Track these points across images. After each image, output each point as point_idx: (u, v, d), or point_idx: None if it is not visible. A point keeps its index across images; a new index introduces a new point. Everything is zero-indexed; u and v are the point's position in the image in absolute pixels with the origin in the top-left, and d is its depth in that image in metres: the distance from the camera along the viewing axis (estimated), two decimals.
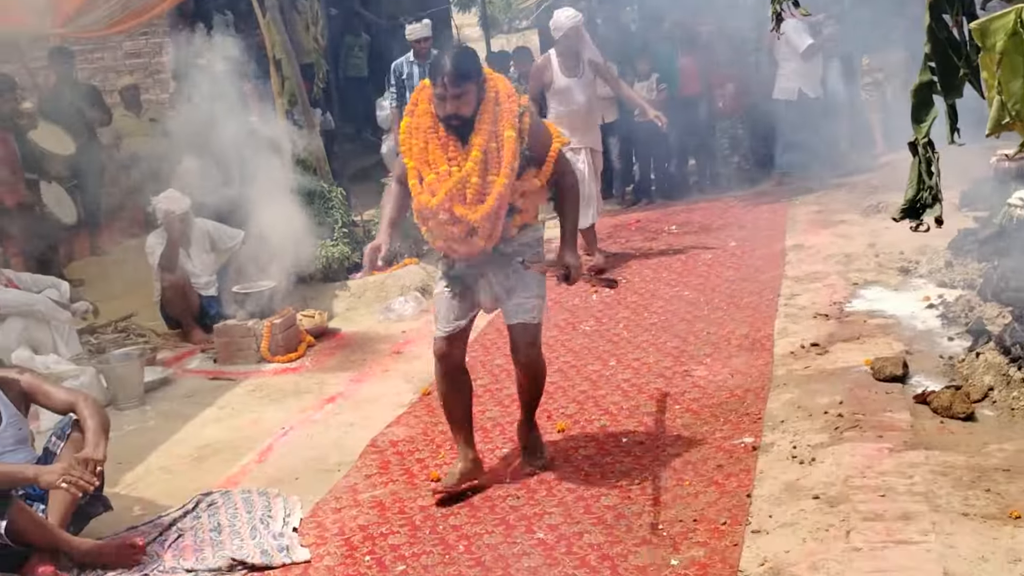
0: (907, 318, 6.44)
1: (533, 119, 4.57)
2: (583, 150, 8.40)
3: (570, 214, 4.78)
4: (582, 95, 8.39)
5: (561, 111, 8.32)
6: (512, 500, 4.64)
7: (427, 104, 4.51)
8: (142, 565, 4.31)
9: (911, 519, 3.83)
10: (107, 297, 8.34)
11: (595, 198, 8.63)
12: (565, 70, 8.38)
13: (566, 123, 7.78)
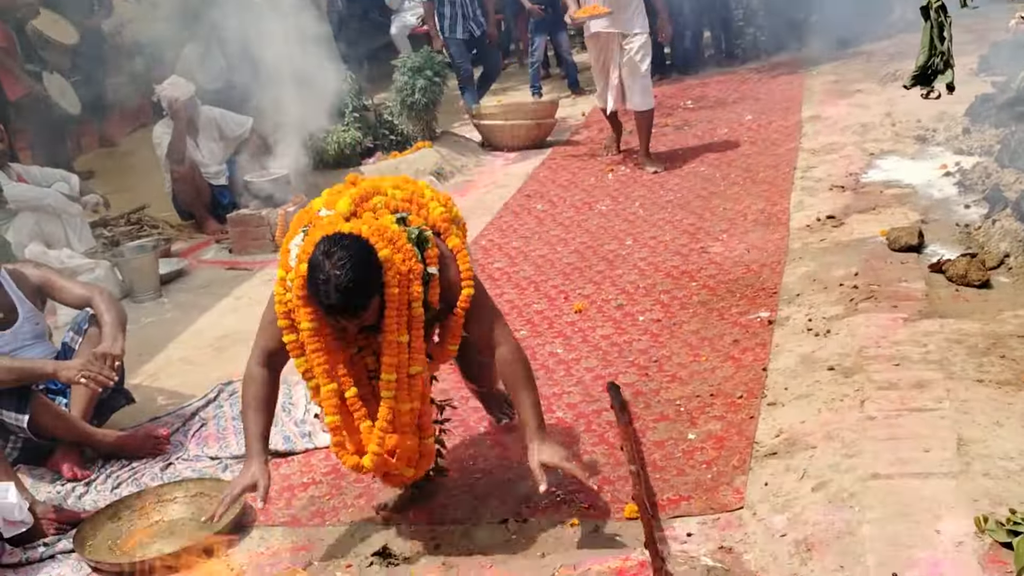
0: (923, 187, 6.38)
1: (443, 278, 3.38)
2: (613, 35, 7.62)
3: (524, 395, 3.44)
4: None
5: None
6: None
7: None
8: (166, 455, 4.39)
9: (925, 387, 3.85)
10: (118, 189, 8.34)
11: (613, 87, 7.81)
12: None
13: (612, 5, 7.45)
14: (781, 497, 3.42)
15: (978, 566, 2.81)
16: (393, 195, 3.48)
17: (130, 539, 3.76)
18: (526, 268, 6.17)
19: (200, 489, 3.97)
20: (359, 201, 3.39)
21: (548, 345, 5.03)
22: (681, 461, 3.82)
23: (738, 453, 3.79)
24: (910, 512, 3.09)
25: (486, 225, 7.15)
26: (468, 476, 3.94)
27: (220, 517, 3.44)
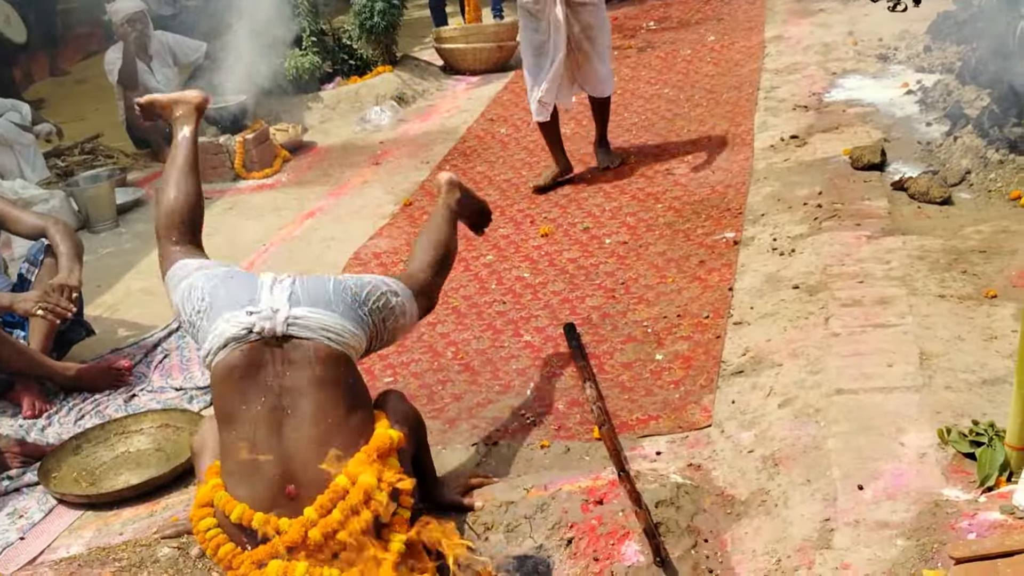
0: (885, 105, 6.38)
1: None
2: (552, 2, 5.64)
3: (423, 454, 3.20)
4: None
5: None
6: (499, 305, 4.67)
7: None
8: (129, 386, 4.35)
9: (888, 303, 3.88)
10: (71, 118, 8.16)
11: (554, 77, 5.77)
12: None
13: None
14: (748, 414, 3.45)
15: (941, 476, 2.86)
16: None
17: (96, 471, 3.73)
18: (491, 193, 6.12)
19: (165, 420, 3.94)
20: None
21: (515, 269, 5.02)
22: (649, 381, 3.84)
23: (705, 372, 3.81)
24: (874, 425, 3.13)
25: (449, 150, 7.08)
26: (437, 401, 3.94)
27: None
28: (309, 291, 2.90)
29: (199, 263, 3.11)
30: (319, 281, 2.95)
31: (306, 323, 2.82)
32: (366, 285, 3.04)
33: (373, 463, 2.76)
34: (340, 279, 3.01)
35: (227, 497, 2.75)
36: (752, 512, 2.98)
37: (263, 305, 2.82)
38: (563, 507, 3.05)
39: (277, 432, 2.76)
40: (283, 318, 2.80)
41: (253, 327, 2.79)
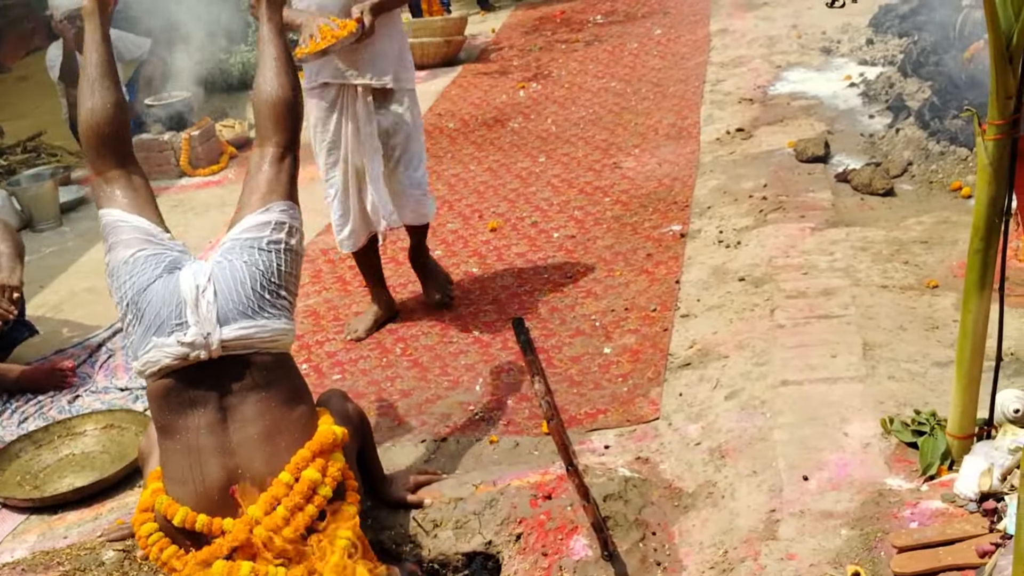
0: (829, 98, 6.45)
1: None
2: (357, 91, 4.06)
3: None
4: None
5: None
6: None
7: None
8: (73, 387, 4.29)
9: (832, 294, 3.93)
10: (12, 116, 8.01)
11: (358, 197, 4.24)
12: None
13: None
14: (695, 407, 3.48)
15: (884, 466, 2.90)
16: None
17: (39, 474, 3.68)
18: (439, 187, 6.11)
19: (110, 421, 3.89)
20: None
21: (463, 264, 5.01)
22: (597, 375, 3.86)
23: (653, 365, 3.84)
24: (819, 416, 3.17)
25: None
26: (386, 398, 3.93)
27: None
28: (233, 301, 2.80)
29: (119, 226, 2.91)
30: (239, 286, 2.82)
31: (239, 341, 2.79)
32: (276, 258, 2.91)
33: (316, 459, 2.76)
34: (254, 272, 2.86)
35: (168, 501, 2.73)
36: (699, 504, 3.01)
37: (192, 332, 2.74)
38: (512, 502, 3.06)
39: (218, 435, 2.74)
40: (216, 341, 2.76)
41: (188, 356, 2.75)
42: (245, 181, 3.10)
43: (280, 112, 3.11)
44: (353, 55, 3.93)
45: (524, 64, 8.82)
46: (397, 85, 4.06)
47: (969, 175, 4.80)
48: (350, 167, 4.12)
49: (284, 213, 2.97)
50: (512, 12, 11.20)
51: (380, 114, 4.08)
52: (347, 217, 4.23)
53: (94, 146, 3.00)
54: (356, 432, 3.01)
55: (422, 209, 4.31)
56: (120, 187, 2.99)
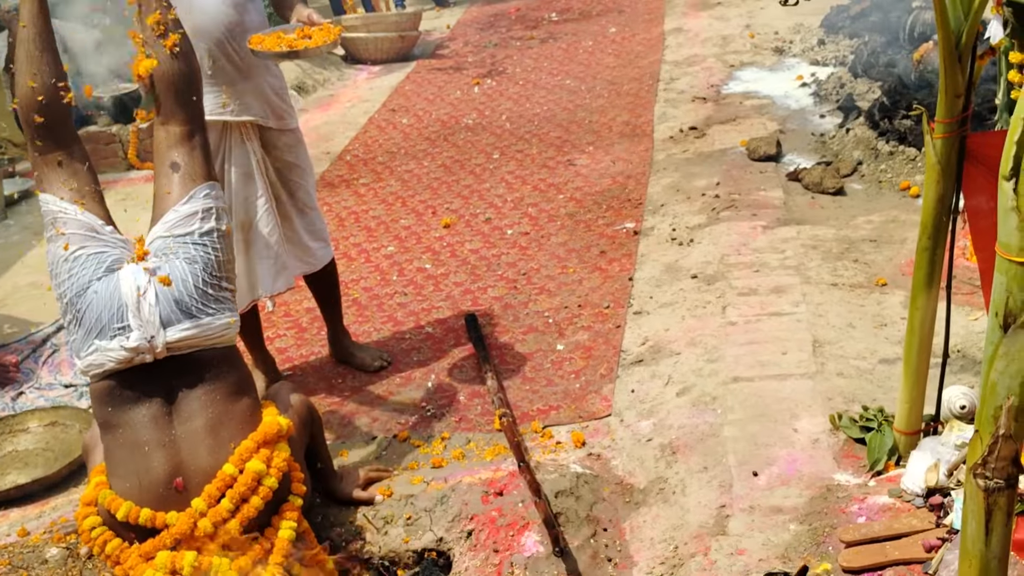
0: (781, 98, 6.51)
1: None
2: (234, 133, 3.56)
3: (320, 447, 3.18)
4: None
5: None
6: (400, 297, 4.63)
7: None
8: (16, 383, 4.21)
9: (783, 292, 3.96)
10: None
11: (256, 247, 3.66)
12: None
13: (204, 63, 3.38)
14: (647, 403, 3.49)
15: (833, 461, 2.93)
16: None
17: None
18: (392, 183, 6.08)
19: (54, 418, 3.82)
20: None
21: (416, 260, 4.98)
22: (550, 372, 3.85)
23: (605, 362, 3.84)
24: (769, 412, 3.19)
25: (350, 140, 7.00)
26: (336, 394, 3.89)
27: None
28: (175, 302, 2.75)
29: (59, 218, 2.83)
30: (181, 285, 2.77)
31: (183, 341, 2.75)
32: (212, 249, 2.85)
33: (261, 449, 2.73)
34: (194, 269, 2.80)
35: (111, 495, 2.69)
36: (650, 500, 3.01)
37: (136, 336, 2.70)
38: (463, 499, 3.05)
39: (161, 429, 2.72)
40: (160, 344, 2.72)
41: (132, 360, 2.72)
42: (156, 164, 2.98)
43: (178, 86, 2.96)
44: (234, 88, 3.47)
45: (479, 60, 8.80)
46: (281, 124, 3.63)
47: (918, 175, 4.86)
48: (235, 220, 3.52)
49: (208, 198, 2.90)
50: (467, 8, 11.17)
51: (268, 157, 3.64)
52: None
53: (34, 125, 2.88)
54: (303, 424, 2.99)
55: (313, 257, 3.79)
56: (62, 170, 2.90)
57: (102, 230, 2.86)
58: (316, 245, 3.79)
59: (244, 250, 3.60)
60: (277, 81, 3.65)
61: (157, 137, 3.00)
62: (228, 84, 3.47)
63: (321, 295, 4.02)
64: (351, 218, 5.60)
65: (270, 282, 3.65)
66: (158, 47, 2.94)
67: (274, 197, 3.65)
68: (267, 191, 3.60)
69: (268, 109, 3.58)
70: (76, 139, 2.98)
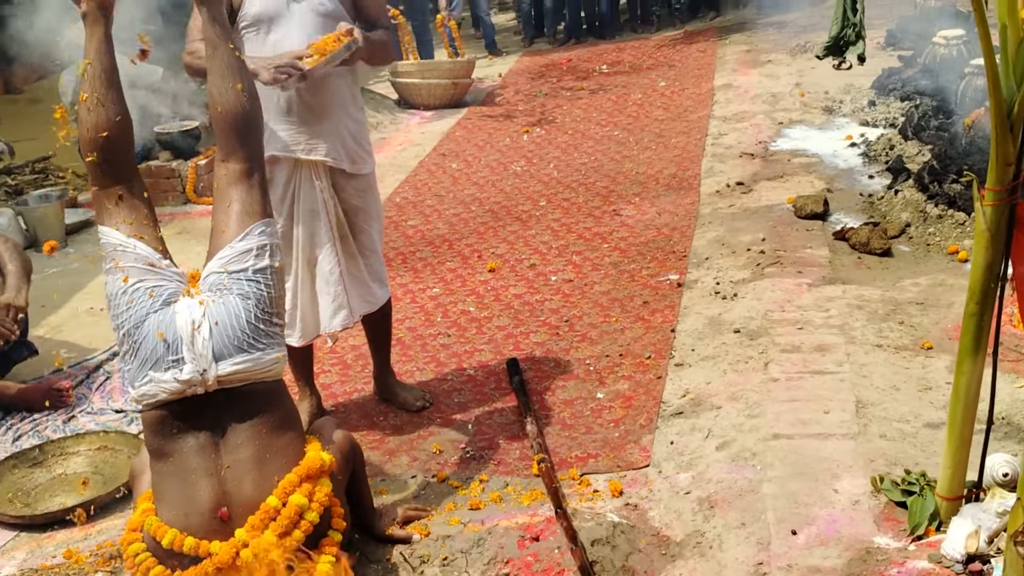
0: (829, 156, 6.53)
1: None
2: (305, 170, 3.66)
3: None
4: (301, 31, 3.54)
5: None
6: (443, 338, 4.69)
7: None
8: (69, 407, 4.30)
9: (827, 350, 3.96)
10: (23, 137, 8.04)
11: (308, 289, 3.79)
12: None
13: (269, 99, 3.50)
14: (686, 456, 3.50)
15: (873, 524, 2.92)
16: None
17: (32, 491, 3.68)
18: (440, 226, 6.16)
19: (104, 443, 3.91)
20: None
21: (460, 303, 5.05)
22: (589, 419, 3.88)
23: (645, 412, 3.86)
24: (809, 471, 3.19)
25: (400, 183, 7.11)
26: (378, 432, 3.94)
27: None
28: (228, 336, 2.82)
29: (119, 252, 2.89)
30: (234, 320, 2.83)
31: (234, 375, 2.82)
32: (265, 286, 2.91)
33: (304, 484, 2.78)
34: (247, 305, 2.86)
35: (157, 523, 2.75)
36: (687, 553, 3.02)
37: (189, 369, 2.77)
38: (499, 543, 3.07)
39: (209, 460, 2.78)
40: (212, 377, 2.79)
41: (184, 392, 2.79)
42: (215, 200, 3.05)
43: (239, 125, 3.02)
44: (307, 128, 3.57)
45: (529, 109, 8.92)
46: (355, 168, 3.69)
47: (966, 239, 4.86)
48: (301, 255, 3.67)
49: (263, 235, 2.96)
50: (519, 58, 11.33)
51: (337, 198, 3.70)
52: (296, 311, 3.73)
53: (96, 161, 2.96)
54: (345, 460, 3.03)
55: (372, 296, 3.85)
56: (122, 204, 2.96)
57: (159, 263, 2.93)
58: (376, 286, 3.86)
59: (309, 286, 3.72)
60: (355, 125, 3.71)
61: (217, 174, 3.07)
62: (303, 123, 3.58)
63: (373, 334, 4.09)
64: (398, 259, 5.68)
65: (328, 320, 3.75)
66: (225, 87, 3.03)
67: (339, 237, 3.71)
68: (331, 231, 3.68)
69: (342, 151, 3.65)
70: (136, 174, 3.05)
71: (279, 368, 2.93)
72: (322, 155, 3.61)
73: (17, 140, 7.67)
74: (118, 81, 3.02)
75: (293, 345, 3.74)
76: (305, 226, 3.66)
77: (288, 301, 3.66)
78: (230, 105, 3.02)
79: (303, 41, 3.47)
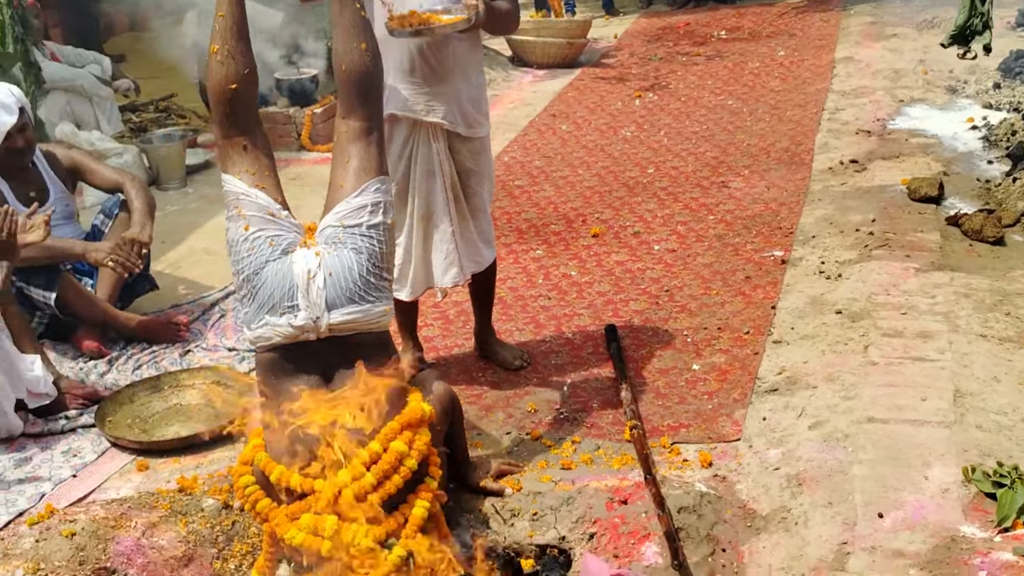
0: (948, 139, 6.39)
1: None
2: (423, 130, 3.75)
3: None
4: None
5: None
6: (544, 300, 4.78)
7: None
8: (185, 341, 4.52)
9: (929, 337, 3.93)
10: (147, 75, 8.33)
11: (424, 246, 3.91)
12: None
13: (394, 59, 3.61)
14: (778, 432, 3.54)
15: (961, 513, 2.93)
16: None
17: (148, 419, 3.90)
18: (547, 188, 6.23)
19: (216, 378, 4.10)
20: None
21: (563, 267, 5.12)
22: (684, 390, 3.93)
23: (740, 387, 3.90)
24: (901, 457, 3.20)
25: (509, 142, 7.18)
26: (476, 387, 4.05)
27: None
28: (341, 286, 2.96)
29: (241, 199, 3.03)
30: (346, 272, 2.98)
31: (345, 324, 2.97)
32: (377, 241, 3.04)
33: (404, 432, 2.92)
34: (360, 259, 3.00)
35: (267, 458, 2.92)
36: (771, 528, 3.07)
37: (303, 316, 2.93)
38: (588, 503, 3.16)
39: (317, 403, 2.92)
40: (324, 325, 2.95)
41: (297, 337, 2.95)
42: (334, 155, 3.18)
43: (362, 84, 3.13)
44: (427, 89, 3.67)
45: (642, 73, 8.88)
46: (470, 132, 3.79)
47: None
48: (416, 212, 3.82)
49: (378, 192, 3.08)
50: (636, 19, 11.26)
51: (452, 159, 3.81)
52: (408, 266, 3.87)
53: (223, 111, 3.10)
54: (445, 412, 3.15)
55: (481, 257, 3.97)
56: (245, 154, 3.10)
57: (279, 214, 3.08)
58: (484, 246, 3.98)
59: (423, 241, 3.85)
60: (474, 90, 3.80)
61: (337, 130, 3.20)
62: (425, 85, 3.67)
63: (478, 292, 4.20)
64: (504, 218, 5.77)
65: (440, 275, 3.89)
66: (350, 46, 3.14)
67: (453, 198, 3.82)
68: (446, 191, 3.80)
69: (459, 115, 3.74)
70: (260, 126, 3.20)
71: (386, 320, 3.06)
72: (439, 117, 3.71)
73: (141, 77, 7.94)
74: (247, 34, 3.15)
75: (401, 299, 3.89)
76: (421, 185, 3.78)
77: (400, 256, 3.79)
78: (354, 64, 3.12)
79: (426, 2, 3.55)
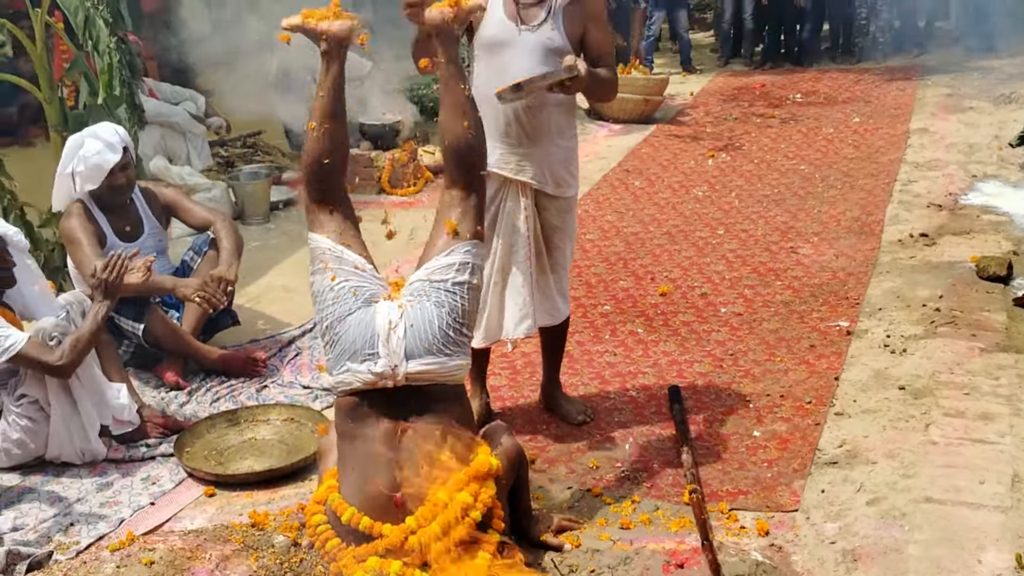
0: (1020, 217, 6.40)
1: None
2: (512, 187, 3.90)
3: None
4: (528, 59, 3.74)
5: (487, 84, 3.71)
6: (609, 356, 4.88)
7: None
8: (262, 377, 4.70)
9: (991, 420, 3.97)
10: (235, 110, 8.62)
11: (502, 295, 4.00)
12: (509, 7, 3.81)
13: (491, 119, 3.69)
14: (836, 506, 3.59)
15: None
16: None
17: (224, 451, 4.06)
18: (617, 243, 6.34)
19: (291, 415, 4.26)
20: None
21: (629, 323, 5.22)
22: (743, 456, 3.99)
23: (800, 457, 3.95)
24: (956, 539, 3.25)
25: (583, 196, 7.30)
26: (540, 440, 4.16)
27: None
28: (420, 337, 3.14)
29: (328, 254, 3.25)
30: (428, 324, 3.15)
31: (421, 374, 3.14)
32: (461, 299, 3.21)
33: (471, 484, 3.05)
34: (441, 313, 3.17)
35: (339, 499, 3.07)
36: None
37: (382, 363, 3.11)
38: (645, 564, 3.25)
39: (390, 450, 3.08)
40: (402, 373, 3.12)
41: (376, 383, 3.13)
42: (436, 219, 3.40)
43: (465, 158, 3.37)
44: (520, 150, 3.84)
45: (717, 132, 8.99)
46: (558, 192, 3.94)
47: None
48: (497, 262, 3.92)
49: (468, 253, 3.29)
50: (712, 78, 11.39)
51: (538, 216, 3.95)
52: (483, 313, 3.91)
53: (315, 180, 3.37)
54: (512, 467, 3.28)
55: (557, 311, 4.10)
56: (333, 217, 3.36)
57: (364, 268, 3.29)
58: (560, 301, 4.11)
59: (499, 291, 3.97)
60: (565, 153, 3.94)
61: (441, 199, 3.43)
62: (519, 146, 3.84)
63: (549, 346, 4.32)
64: (573, 271, 5.85)
65: (512, 326, 3.98)
66: (455, 123, 3.34)
67: (535, 252, 3.96)
68: (529, 246, 3.92)
69: (548, 175, 3.90)
70: (346, 197, 3.45)
71: (462, 374, 3.21)
72: (528, 177, 3.87)
73: (228, 112, 8.21)
74: (344, 114, 3.41)
75: (474, 346, 3.94)
76: (505, 237, 3.91)
77: (496, 306, 3.96)
78: (458, 139, 3.35)
79: (529, 69, 3.69)
